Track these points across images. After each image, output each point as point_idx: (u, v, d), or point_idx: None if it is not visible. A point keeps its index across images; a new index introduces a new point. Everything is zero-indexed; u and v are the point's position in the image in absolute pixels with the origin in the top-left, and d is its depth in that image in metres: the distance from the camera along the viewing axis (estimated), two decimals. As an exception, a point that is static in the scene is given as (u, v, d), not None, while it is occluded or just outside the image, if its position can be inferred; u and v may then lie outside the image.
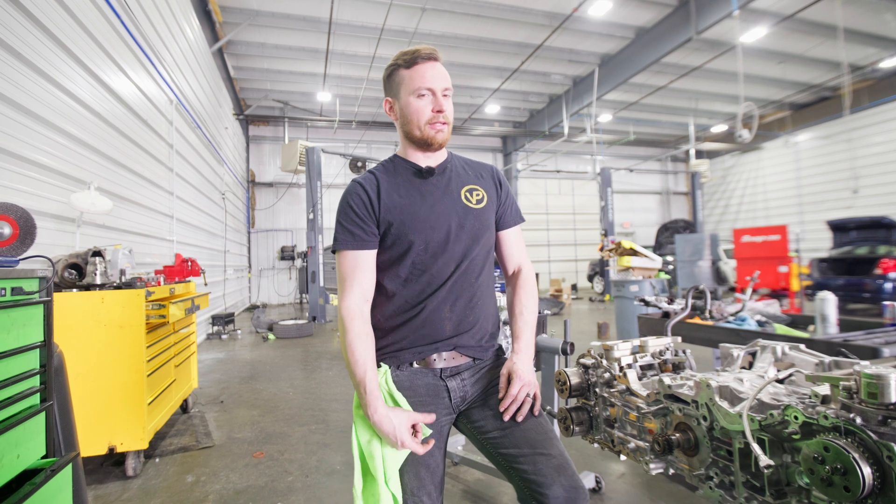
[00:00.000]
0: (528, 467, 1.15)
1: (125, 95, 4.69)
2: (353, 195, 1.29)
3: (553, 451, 1.17)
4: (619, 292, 6.64)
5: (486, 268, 1.35)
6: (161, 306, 2.98)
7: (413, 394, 1.25)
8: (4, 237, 1.99)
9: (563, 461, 1.16)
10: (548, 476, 1.13)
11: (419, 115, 1.26)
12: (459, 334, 1.28)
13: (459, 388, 1.29)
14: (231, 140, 11.64)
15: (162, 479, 2.80)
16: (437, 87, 1.25)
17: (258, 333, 8.48)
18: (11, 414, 1.20)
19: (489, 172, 1.43)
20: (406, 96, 1.26)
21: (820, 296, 2.59)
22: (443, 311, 1.27)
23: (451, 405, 1.29)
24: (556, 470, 1.13)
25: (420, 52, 1.26)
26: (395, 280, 1.28)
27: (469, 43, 10.58)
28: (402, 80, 1.27)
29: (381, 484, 1.16)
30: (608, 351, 1.44)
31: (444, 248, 1.27)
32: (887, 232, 8.86)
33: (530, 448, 1.17)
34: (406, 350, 1.27)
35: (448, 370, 1.29)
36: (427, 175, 1.32)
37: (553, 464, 1.14)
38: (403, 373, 1.27)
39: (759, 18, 9.24)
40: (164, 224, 5.98)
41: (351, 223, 1.27)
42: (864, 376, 0.84)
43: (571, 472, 1.15)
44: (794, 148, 16.29)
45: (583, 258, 18.49)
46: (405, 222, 1.26)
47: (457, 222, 1.29)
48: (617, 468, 2.81)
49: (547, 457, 1.16)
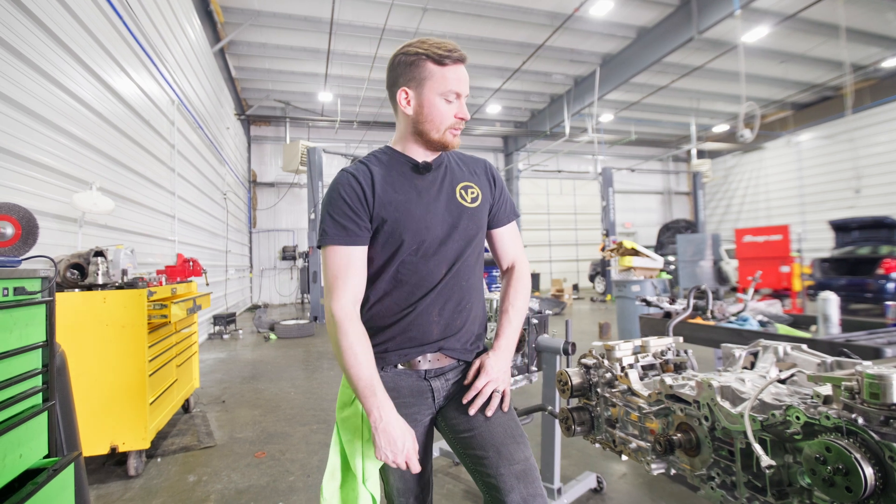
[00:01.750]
0: (491, 471, 1.13)
1: (127, 96, 4.70)
2: (344, 185, 1.20)
3: (517, 457, 1.14)
4: (620, 292, 6.63)
5: (476, 268, 1.31)
6: (163, 306, 2.99)
7: (397, 394, 1.22)
8: (7, 237, 2.00)
9: (526, 467, 1.14)
10: (508, 482, 1.10)
11: (443, 119, 1.20)
12: (447, 337, 1.24)
13: (443, 387, 1.27)
14: (233, 140, 11.65)
15: (164, 479, 2.80)
16: (464, 93, 1.20)
17: (260, 333, 8.49)
18: (14, 413, 1.20)
19: (483, 168, 1.37)
20: (432, 95, 1.18)
21: (822, 296, 2.59)
22: (431, 314, 1.22)
23: (434, 405, 1.27)
24: (517, 477, 1.11)
25: (453, 52, 1.17)
26: (383, 281, 1.22)
27: (470, 43, 10.57)
28: (431, 75, 1.17)
29: (359, 483, 1.17)
30: (610, 351, 1.44)
31: (437, 250, 1.22)
32: (889, 232, 8.83)
33: (495, 452, 1.14)
34: (392, 352, 1.23)
35: (433, 371, 1.26)
36: (424, 170, 1.25)
37: (515, 470, 1.12)
38: (387, 374, 1.24)
39: (761, 18, 9.22)
40: (165, 224, 5.99)
41: (342, 216, 1.17)
42: (867, 377, 0.84)
43: (532, 479, 1.12)
44: (796, 148, 16.26)
45: (584, 258, 18.48)
46: (399, 220, 1.19)
47: (451, 223, 1.24)
48: (618, 468, 2.81)
49: (509, 462, 1.13)
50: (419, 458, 1.19)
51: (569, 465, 2.82)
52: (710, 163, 18.27)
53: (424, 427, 1.27)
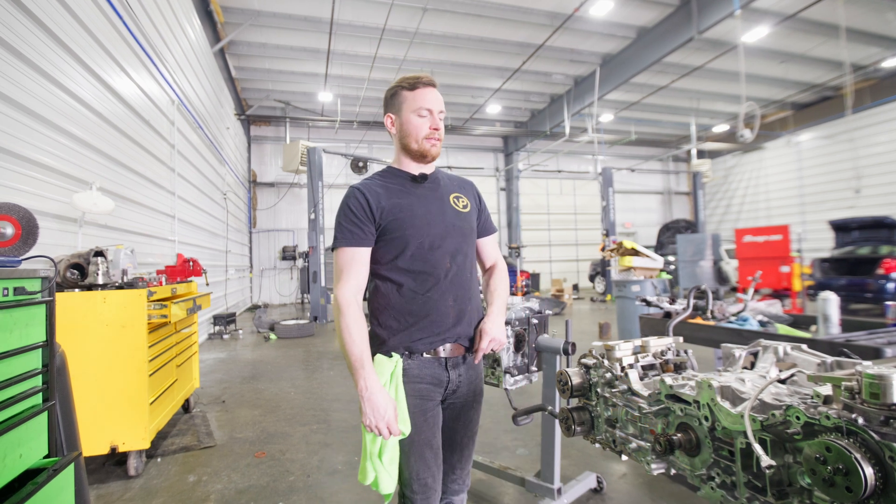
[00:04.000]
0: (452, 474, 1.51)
1: (127, 96, 4.70)
2: (352, 199, 1.43)
3: (452, 459, 1.51)
4: (620, 292, 6.63)
5: (475, 266, 1.56)
6: (163, 306, 2.99)
7: (420, 381, 1.40)
8: (7, 237, 2.00)
9: (458, 465, 1.52)
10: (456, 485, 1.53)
11: (419, 130, 1.45)
12: (459, 324, 1.44)
13: (456, 379, 1.46)
14: (233, 140, 11.65)
15: (164, 479, 2.80)
16: (434, 109, 1.45)
17: (260, 333, 8.49)
18: (14, 413, 1.20)
19: (470, 186, 1.64)
20: (407, 114, 1.45)
21: (822, 296, 2.59)
22: (447, 300, 1.42)
23: (445, 392, 1.46)
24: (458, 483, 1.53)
25: (422, 79, 1.46)
26: (399, 272, 1.42)
27: (470, 43, 10.57)
28: (405, 100, 1.45)
29: (375, 460, 1.33)
30: (609, 351, 1.44)
31: (440, 243, 1.44)
32: (889, 232, 8.83)
33: (448, 451, 1.49)
34: (418, 341, 1.40)
35: (451, 361, 1.45)
36: (421, 180, 1.50)
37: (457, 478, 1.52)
38: (414, 362, 1.41)
39: (761, 18, 9.22)
40: (165, 224, 5.99)
41: (350, 223, 1.41)
42: (867, 377, 0.84)
43: (458, 476, 1.52)
44: (796, 148, 16.26)
45: (584, 258, 18.46)
46: (404, 219, 1.42)
47: (449, 220, 1.47)
48: (618, 468, 2.81)
49: (448, 466, 1.51)
50: (438, 440, 1.43)
51: (569, 465, 2.82)
52: (710, 163, 18.27)
53: (439, 412, 1.46)
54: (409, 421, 1.35)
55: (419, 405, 1.39)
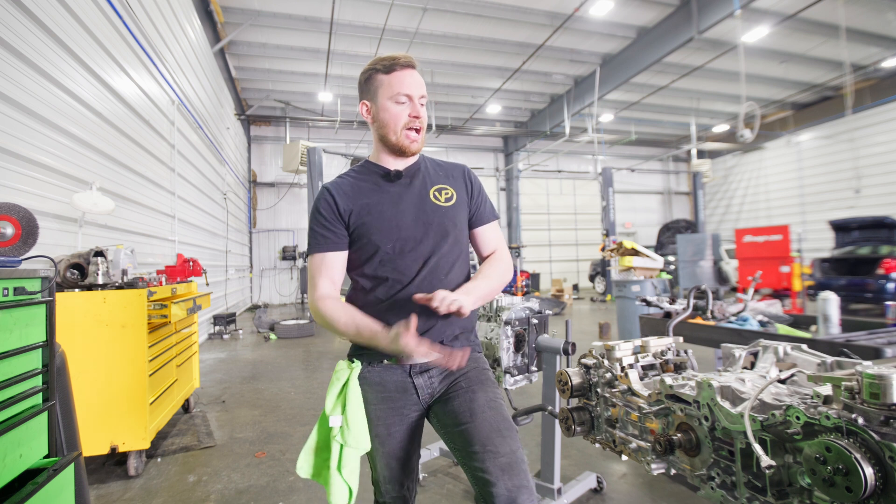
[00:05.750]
0: (478, 465, 1.17)
1: (127, 96, 4.70)
2: (321, 201, 1.36)
3: (502, 450, 1.18)
4: (620, 292, 6.63)
5: (457, 265, 1.39)
6: (163, 306, 2.99)
7: (382, 389, 1.32)
8: (7, 237, 2.00)
9: (511, 460, 1.17)
10: (493, 474, 1.14)
11: (397, 119, 1.32)
12: (428, 330, 1.30)
13: (427, 385, 1.34)
14: (233, 140, 11.65)
15: (164, 479, 2.80)
16: (414, 94, 1.31)
17: (260, 333, 8.49)
18: (14, 413, 1.20)
19: (460, 172, 1.48)
20: (384, 100, 1.31)
21: (822, 296, 2.59)
22: (411, 305, 1.27)
23: (419, 400, 1.35)
24: (502, 469, 1.15)
25: (398, 60, 1.31)
26: (367, 278, 1.34)
27: (470, 43, 10.57)
28: (381, 84, 1.31)
29: (333, 469, 1.25)
30: (610, 351, 1.44)
31: (411, 247, 1.32)
32: (889, 232, 8.83)
33: (481, 446, 1.19)
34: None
35: (417, 367, 1.33)
36: (395, 178, 1.37)
37: (500, 462, 1.16)
38: (375, 369, 1.33)
39: (761, 18, 9.22)
40: (165, 224, 5.99)
41: (321, 227, 1.34)
42: (867, 377, 0.84)
43: (518, 471, 1.16)
44: (796, 148, 16.25)
45: (584, 258, 18.47)
46: (371, 222, 1.32)
47: (424, 221, 1.34)
48: (618, 468, 2.81)
49: (495, 455, 1.17)
50: (405, 450, 1.33)
51: (569, 465, 2.82)
52: (710, 163, 18.27)
53: (411, 421, 1.35)
54: (370, 435, 1.29)
55: (384, 418, 1.31)
